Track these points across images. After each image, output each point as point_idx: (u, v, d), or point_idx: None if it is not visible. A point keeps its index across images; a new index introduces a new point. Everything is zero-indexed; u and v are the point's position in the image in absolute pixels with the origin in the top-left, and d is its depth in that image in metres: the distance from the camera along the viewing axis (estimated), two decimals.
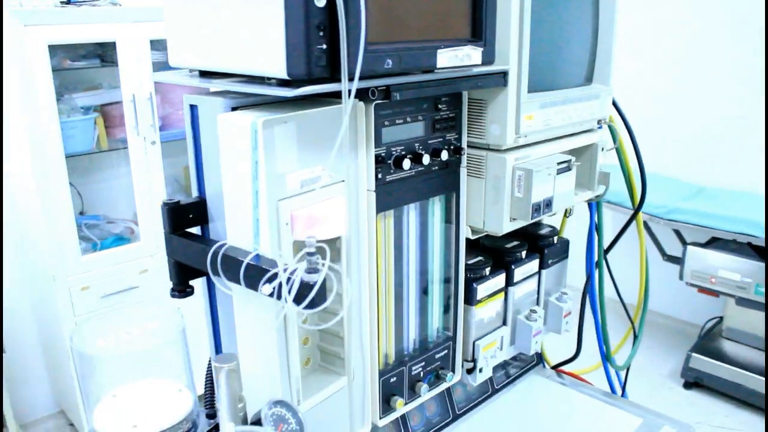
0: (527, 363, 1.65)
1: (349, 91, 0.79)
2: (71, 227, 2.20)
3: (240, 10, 0.84)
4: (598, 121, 1.36)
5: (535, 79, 1.16)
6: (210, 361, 1.07)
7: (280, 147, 0.87)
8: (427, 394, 1.24)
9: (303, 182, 0.92)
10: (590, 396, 1.56)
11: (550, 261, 1.47)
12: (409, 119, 1.06)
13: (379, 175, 1.04)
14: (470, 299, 1.29)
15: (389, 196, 1.07)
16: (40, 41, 1.99)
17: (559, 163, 1.21)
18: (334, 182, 0.98)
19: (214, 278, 0.91)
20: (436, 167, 1.14)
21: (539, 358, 1.69)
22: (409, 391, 1.22)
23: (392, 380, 1.18)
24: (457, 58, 0.91)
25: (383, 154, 1.03)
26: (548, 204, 1.21)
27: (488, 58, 0.97)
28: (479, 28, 0.94)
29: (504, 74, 1.09)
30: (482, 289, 1.30)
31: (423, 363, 1.24)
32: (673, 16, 3.16)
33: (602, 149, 1.37)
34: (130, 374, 1.00)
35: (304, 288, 0.79)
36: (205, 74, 0.99)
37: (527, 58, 1.10)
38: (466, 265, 1.30)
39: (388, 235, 1.11)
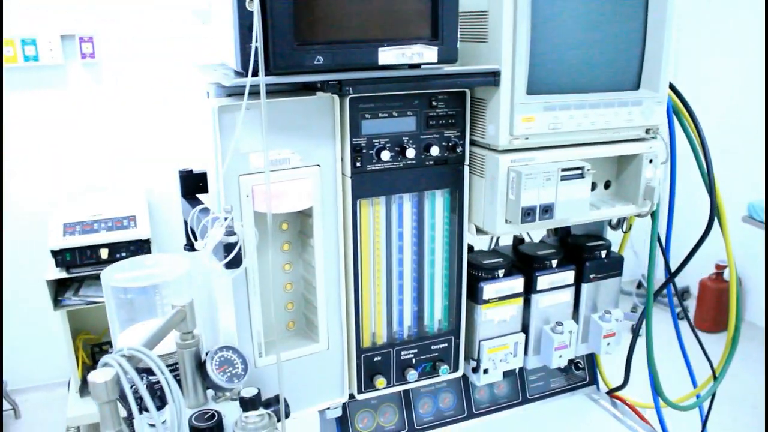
0: (578, 380, 1.57)
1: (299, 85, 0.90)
2: None
3: (224, 17, 1.00)
4: (647, 130, 1.25)
5: (546, 80, 1.13)
6: None
7: (242, 129, 1.01)
8: (415, 381, 1.28)
9: (270, 161, 1.05)
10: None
11: (592, 275, 1.38)
12: (395, 114, 1.12)
13: (357, 164, 1.12)
14: (476, 298, 1.29)
15: (370, 184, 1.14)
16: None
17: (565, 169, 1.15)
18: (307, 165, 1.09)
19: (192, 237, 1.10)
20: (431, 162, 1.17)
21: (594, 378, 1.58)
22: (397, 373, 1.28)
23: (376, 359, 1.25)
24: (404, 56, 0.96)
25: (363, 144, 1.11)
26: (547, 210, 1.16)
27: (446, 57, 0.99)
28: (434, 28, 0.97)
29: (495, 74, 1.09)
30: (490, 290, 1.29)
31: (416, 350, 1.28)
32: None
33: (650, 161, 1.26)
34: (151, 310, 1.23)
35: (223, 246, 0.93)
36: None
37: (524, 58, 1.08)
38: (481, 264, 1.31)
39: (377, 219, 1.18)
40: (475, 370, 1.34)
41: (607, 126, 1.20)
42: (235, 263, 0.94)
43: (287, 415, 1.11)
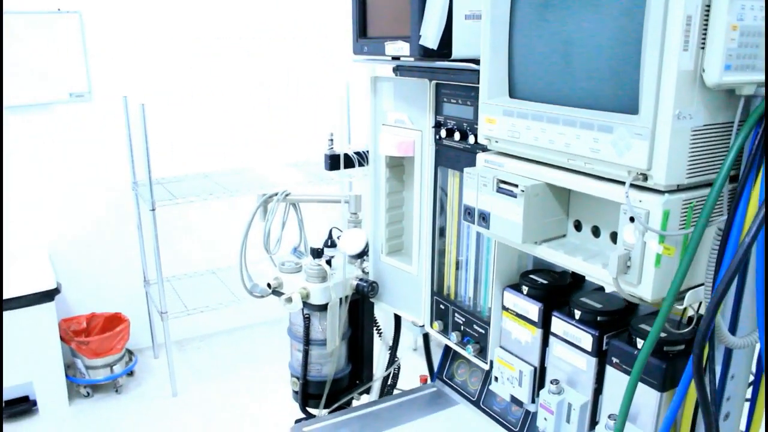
0: None
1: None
2: None
3: None
4: (641, 174, 0.88)
5: (524, 84, 1.07)
6: None
7: (384, 95, 1.54)
8: (452, 341, 1.43)
9: (396, 120, 1.52)
10: None
11: (615, 360, 1.05)
12: (459, 101, 1.33)
13: (437, 137, 1.40)
14: (502, 300, 1.28)
15: (444, 156, 1.40)
16: None
17: (503, 182, 1.05)
18: (416, 128, 1.48)
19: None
20: (480, 150, 1.29)
21: None
22: (451, 330, 1.46)
23: (441, 306, 1.49)
24: (395, 49, 1.25)
25: (441, 122, 1.39)
26: (485, 218, 1.10)
27: (414, 51, 1.18)
28: (408, 26, 1.19)
29: (475, 72, 1.15)
30: (509, 299, 1.25)
31: (463, 320, 1.42)
32: None
33: (630, 219, 0.89)
34: None
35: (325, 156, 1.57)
36: None
37: (487, 58, 1.08)
38: (529, 274, 1.27)
39: (455, 189, 1.41)
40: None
41: (567, 150, 0.96)
42: (328, 167, 1.57)
43: (375, 294, 1.63)
